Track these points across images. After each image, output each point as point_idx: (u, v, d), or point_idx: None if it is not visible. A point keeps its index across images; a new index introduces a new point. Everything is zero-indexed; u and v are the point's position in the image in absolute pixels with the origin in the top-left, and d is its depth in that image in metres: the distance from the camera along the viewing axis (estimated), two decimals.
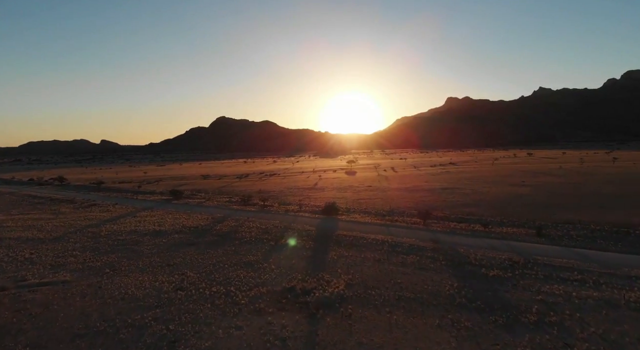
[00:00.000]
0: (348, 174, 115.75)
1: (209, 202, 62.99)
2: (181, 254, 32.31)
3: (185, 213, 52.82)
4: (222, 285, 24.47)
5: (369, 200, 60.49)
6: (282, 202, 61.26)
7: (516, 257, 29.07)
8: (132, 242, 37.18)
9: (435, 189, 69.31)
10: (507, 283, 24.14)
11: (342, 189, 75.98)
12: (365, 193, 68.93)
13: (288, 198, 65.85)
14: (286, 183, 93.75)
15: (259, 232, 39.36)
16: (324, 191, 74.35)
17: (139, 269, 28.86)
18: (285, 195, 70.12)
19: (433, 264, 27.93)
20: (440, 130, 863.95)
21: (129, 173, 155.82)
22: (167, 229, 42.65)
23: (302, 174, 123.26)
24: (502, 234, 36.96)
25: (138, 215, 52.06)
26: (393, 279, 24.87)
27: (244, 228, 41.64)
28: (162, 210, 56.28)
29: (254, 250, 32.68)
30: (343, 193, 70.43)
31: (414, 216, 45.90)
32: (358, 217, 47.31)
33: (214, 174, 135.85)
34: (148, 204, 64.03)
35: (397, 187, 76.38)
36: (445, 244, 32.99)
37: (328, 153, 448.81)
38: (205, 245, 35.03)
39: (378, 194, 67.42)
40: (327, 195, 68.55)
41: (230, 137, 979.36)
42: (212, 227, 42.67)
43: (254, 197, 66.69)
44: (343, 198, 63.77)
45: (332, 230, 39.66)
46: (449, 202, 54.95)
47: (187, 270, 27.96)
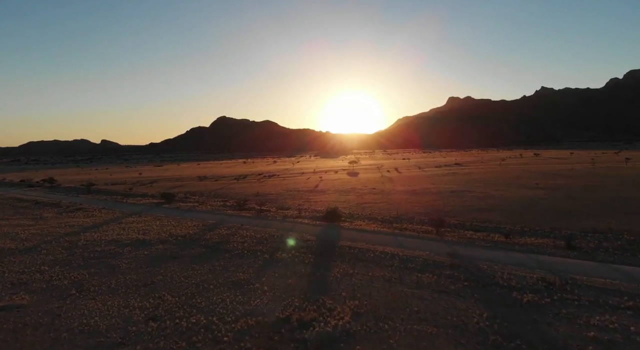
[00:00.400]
0: (350, 175, 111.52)
1: (202, 207, 58.88)
2: (162, 270, 28.21)
3: (175, 219, 48.72)
4: (203, 314, 20.36)
5: (373, 204, 56.33)
6: (280, 206, 57.15)
7: (550, 276, 24.91)
8: (110, 254, 33.09)
9: (443, 192, 65.10)
10: (546, 312, 19.99)
11: (344, 192, 71.83)
12: (369, 196, 64.77)
13: (287, 202, 61.73)
14: (285, 185, 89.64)
15: (253, 243, 35.23)
16: (325, 194, 70.21)
17: (110, 289, 24.77)
18: (284, 198, 65.99)
19: (454, 286, 23.77)
20: (442, 130, 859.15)
21: (124, 174, 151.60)
22: (151, 238, 38.55)
23: (303, 175, 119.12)
24: (527, 245, 32.77)
25: (123, 222, 47.97)
26: (409, 306, 20.72)
27: (237, 237, 37.51)
28: (150, 215, 52.17)
29: (246, 266, 28.54)
30: (345, 196, 66.29)
31: (424, 223, 41.73)
32: (362, 224, 43.16)
33: (211, 174, 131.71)
34: (137, 208, 59.95)
35: (403, 189, 72.18)
36: (465, 259, 28.82)
37: (329, 153, 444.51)
38: (191, 259, 30.91)
39: (383, 197, 63.25)
40: (329, 198, 64.43)
41: (231, 137, 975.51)
42: (202, 236, 38.54)
43: (251, 200, 62.60)
44: (345, 202, 59.65)
45: (334, 241, 35.51)
46: (461, 207, 50.74)
47: (166, 292, 23.86)
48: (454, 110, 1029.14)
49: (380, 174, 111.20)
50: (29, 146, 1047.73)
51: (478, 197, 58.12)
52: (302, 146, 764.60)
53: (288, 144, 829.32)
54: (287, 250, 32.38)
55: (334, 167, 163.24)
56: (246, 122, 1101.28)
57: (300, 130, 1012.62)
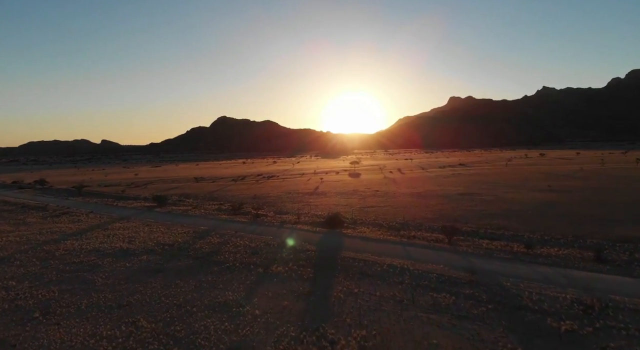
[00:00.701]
0: (352, 177, 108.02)
1: (196, 211, 55.56)
2: (142, 287, 24.93)
3: (165, 224, 45.41)
4: (181, 348, 17.06)
5: (377, 208, 52.96)
6: (278, 210, 53.81)
7: (586, 297, 21.53)
8: (88, 267, 29.81)
9: (451, 195, 61.69)
10: (590, 345, 16.67)
11: (346, 194, 68.47)
12: (372, 199, 61.41)
13: (285, 205, 58.39)
14: (285, 187, 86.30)
15: (246, 253, 31.90)
16: (326, 196, 66.86)
17: (80, 312, 21.49)
18: (283, 201, 62.66)
19: (476, 309, 20.42)
20: (443, 130, 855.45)
21: (120, 175, 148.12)
22: (136, 247, 35.24)
23: (303, 176, 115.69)
24: (551, 257, 29.39)
25: (109, 228, 44.68)
26: (426, 339, 17.39)
27: (229, 247, 34.18)
28: (139, 220, 48.86)
29: (236, 283, 25.23)
30: (347, 199, 62.93)
31: (434, 231, 38.36)
32: (366, 231, 39.81)
33: (208, 176, 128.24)
34: (127, 212, 56.67)
35: (408, 191, 68.79)
36: (485, 275, 25.46)
37: (330, 153, 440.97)
38: (176, 273, 27.60)
39: (387, 200, 59.88)
40: (330, 201, 61.10)
41: (231, 137, 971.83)
42: (191, 245, 35.22)
43: (248, 204, 59.28)
44: (347, 205, 56.30)
45: (336, 251, 32.17)
46: (471, 212, 47.36)
47: (142, 316, 20.57)
48: (455, 110, 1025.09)
49: (383, 175, 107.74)
50: (29, 146, 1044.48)
51: (488, 201, 54.72)
52: (303, 146, 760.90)
53: (289, 144, 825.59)
54: (284, 263, 29.07)
55: (335, 167, 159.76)
56: (247, 122, 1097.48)
57: (301, 130, 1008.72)
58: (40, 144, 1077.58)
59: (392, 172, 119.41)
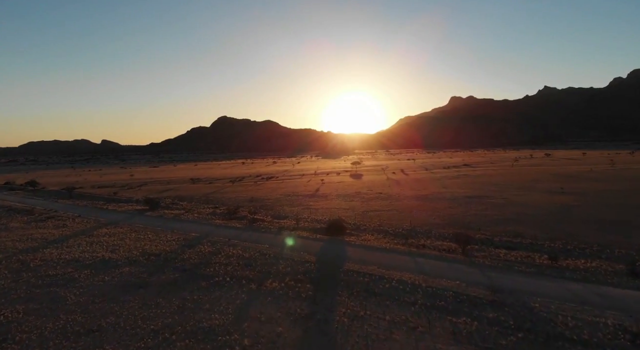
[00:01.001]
0: (353, 178, 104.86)
1: (189, 215, 52.48)
2: (118, 307, 21.88)
3: (154, 230, 42.36)
4: None
5: (381, 212, 49.88)
6: (276, 214, 50.75)
7: (630, 322, 18.49)
8: (63, 281, 26.79)
9: (459, 198, 58.58)
10: None
11: (348, 197, 65.39)
12: (375, 202, 58.32)
13: (284, 209, 55.33)
14: (284, 188, 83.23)
15: (239, 265, 28.83)
16: (326, 199, 63.79)
17: (41, 339, 18.47)
18: (282, 204, 59.59)
19: (504, 339, 17.35)
20: (444, 130, 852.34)
21: (116, 176, 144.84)
22: (119, 257, 32.19)
23: (303, 177, 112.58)
24: (579, 271, 26.31)
25: (94, 234, 41.63)
26: None
27: (221, 257, 31.13)
28: (127, 226, 45.81)
29: (225, 302, 22.17)
30: (349, 202, 59.86)
31: (445, 238, 35.28)
32: (371, 238, 36.73)
33: (206, 177, 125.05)
34: (116, 216, 53.63)
35: (413, 194, 65.68)
36: (508, 293, 22.38)
37: (330, 153, 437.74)
38: (159, 289, 24.56)
39: (392, 203, 56.79)
40: (331, 204, 58.03)
41: (231, 137, 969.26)
42: (179, 255, 32.15)
43: (244, 207, 56.27)
44: (350, 209, 53.26)
45: (338, 263, 29.10)
46: (483, 217, 44.25)
47: (111, 346, 17.51)
48: (456, 109, 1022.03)
49: (386, 176, 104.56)
50: (29, 146, 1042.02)
51: (499, 205, 51.60)
52: (304, 146, 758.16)
53: (289, 144, 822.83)
54: (280, 277, 26.01)
55: (336, 168, 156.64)
56: (247, 122, 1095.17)
57: (301, 130, 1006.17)
58: (40, 144, 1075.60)
59: (395, 173, 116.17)
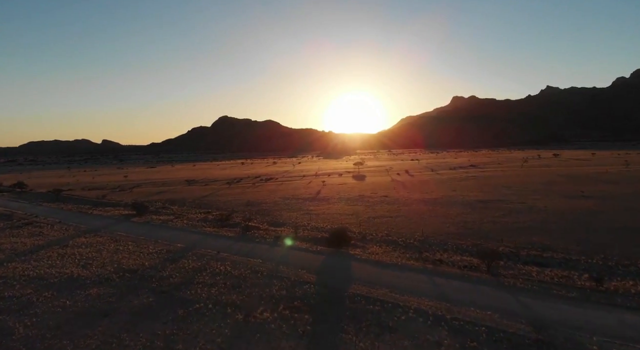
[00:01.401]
0: (356, 179, 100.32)
1: (178, 221, 48.16)
2: (71, 346, 17.55)
3: (136, 240, 38.07)
4: None
5: (388, 218, 45.49)
6: (273, 221, 46.40)
7: None
8: (17, 306, 22.55)
9: (472, 202, 54.12)
10: None
11: (351, 201, 61.00)
12: (381, 207, 53.93)
13: (282, 214, 50.97)
14: (283, 191, 78.86)
15: (225, 287, 24.50)
16: (328, 203, 59.42)
17: None
18: (280, 209, 55.23)
19: None
20: (446, 129, 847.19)
21: (110, 177, 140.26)
22: (90, 274, 27.88)
23: (303, 179, 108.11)
24: (631, 296, 21.89)
25: (70, 244, 37.31)
26: None
27: (205, 275, 26.79)
28: (108, 234, 41.50)
29: (203, 340, 17.82)
30: (353, 206, 55.48)
31: (463, 252, 30.90)
32: (379, 251, 32.35)
33: (202, 178, 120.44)
34: (99, 222, 49.35)
35: (421, 197, 61.25)
36: (555, 329, 17.97)
37: (332, 153, 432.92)
38: (127, 319, 20.24)
39: (399, 208, 52.38)
40: (333, 209, 53.67)
41: (232, 137, 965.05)
42: (158, 272, 27.82)
43: (239, 212, 52.04)
44: (353, 214, 48.91)
45: (342, 284, 24.73)
46: (503, 225, 39.83)
47: None
48: (458, 109, 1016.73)
49: (390, 178, 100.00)
50: (29, 146, 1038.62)
51: (518, 210, 47.14)
52: (305, 146, 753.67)
53: (290, 143, 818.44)
54: (273, 303, 21.67)
55: (337, 169, 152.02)
56: (248, 121, 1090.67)
57: (302, 130, 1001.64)
58: (41, 143, 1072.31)
59: (399, 174, 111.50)
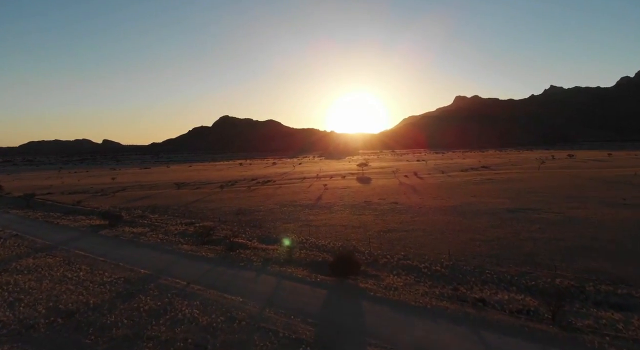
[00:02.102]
0: (361, 182, 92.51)
1: (153, 235, 40.74)
2: None
3: (92, 264, 30.63)
4: None
5: (403, 233, 37.93)
6: (264, 235, 38.95)
7: None
8: None
9: (499, 211, 46.49)
10: None
11: (356, 208, 53.48)
12: (393, 217, 46.38)
13: (276, 226, 43.51)
14: (280, 195, 71.40)
15: (186, 348, 17.01)
16: (330, 211, 51.93)
17: None
18: (274, 219, 47.76)
19: None
20: (450, 129, 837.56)
21: (97, 179, 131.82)
22: (13, 318, 20.61)
23: (304, 182, 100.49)
24: None
25: (11, 268, 29.93)
26: None
27: (162, 325, 19.33)
28: (63, 254, 34.09)
29: None
30: (359, 216, 47.95)
31: (509, 284, 23.31)
32: (398, 283, 24.85)
33: (195, 180, 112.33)
34: (62, 235, 41.99)
35: (437, 205, 53.66)
36: None
37: (333, 154, 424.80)
38: None
39: (414, 218, 44.79)
40: (336, 219, 46.18)
41: (233, 137, 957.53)
42: (102, 317, 20.37)
43: (227, 223, 44.69)
44: (361, 226, 41.44)
45: (353, 346, 17.22)
46: (546, 243, 32.19)
47: None
48: (461, 109, 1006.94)
49: (398, 181, 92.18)
50: (29, 146, 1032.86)
51: (556, 222, 39.51)
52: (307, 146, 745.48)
53: (292, 143, 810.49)
54: None
55: (340, 170, 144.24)
56: (249, 121, 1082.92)
57: (304, 130, 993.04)
58: (41, 143, 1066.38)
59: (407, 176, 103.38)
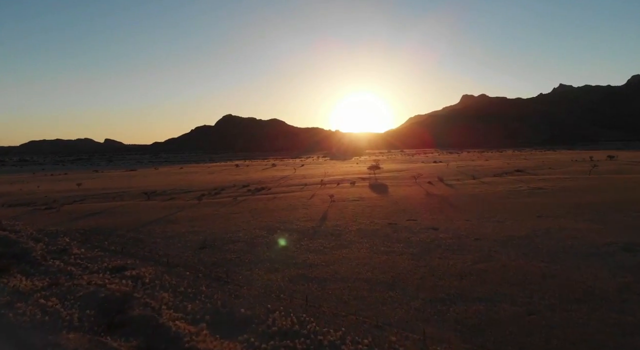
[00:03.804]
0: (375, 191, 73.84)
1: (41, 302, 23.53)
2: None
3: None
4: None
5: (475, 305, 20.61)
6: (223, 308, 21.71)
7: None
8: None
9: (607, 249, 28.94)
10: None
11: (380, 238, 36.13)
12: (441, 259, 29.02)
13: (253, 279, 26.34)
14: (272, 212, 54.14)
15: None
16: (341, 244, 34.64)
17: None
18: (254, 260, 30.57)
19: None
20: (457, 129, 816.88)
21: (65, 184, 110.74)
22: None
23: (305, 189, 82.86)
24: None
25: None
26: None
27: None
28: None
29: None
30: (387, 255, 30.59)
31: None
32: None
33: (174, 187, 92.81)
34: None
35: (498, 233, 36.08)
36: None
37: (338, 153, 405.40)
38: None
39: (477, 264, 27.36)
40: (351, 262, 28.95)
41: (236, 136, 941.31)
42: None
43: (178, 269, 27.64)
44: (394, 283, 24.28)
45: None
46: None
47: None
48: (468, 108, 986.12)
49: (422, 189, 73.95)
50: (30, 145, 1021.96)
51: None
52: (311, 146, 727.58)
53: (296, 143, 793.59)
54: None
55: (348, 173, 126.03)
56: (253, 120, 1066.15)
57: (308, 129, 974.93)
58: (42, 143, 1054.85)
59: (431, 182, 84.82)
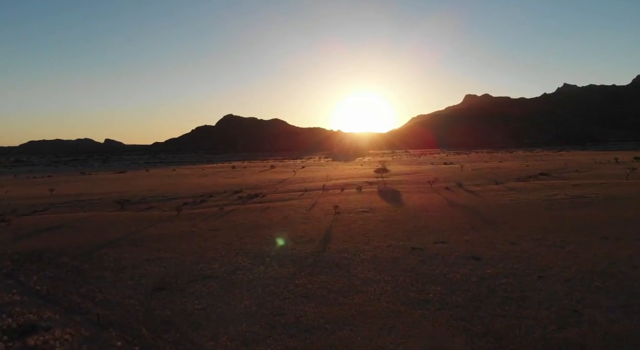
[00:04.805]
0: (387, 200, 63.28)
1: None
2: None
3: None
4: None
5: None
6: None
7: None
8: None
9: None
10: None
11: (403, 274, 26.75)
12: (501, 318, 19.52)
13: None
14: (262, 229, 44.62)
15: None
16: (350, 286, 25.28)
17: None
18: (225, 318, 21.09)
19: None
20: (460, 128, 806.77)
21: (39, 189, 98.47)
22: None
23: (305, 195, 73.31)
24: None
25: None
26: None
27: None
28: None
29: None
30: (420, 309, 21.16)
31: None
32: None
33: (157, 194, 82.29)
34: None
35: (574, 267, 26.60)
36: None
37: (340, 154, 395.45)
38: None
39: (576, 332, 17.80)
40: (369, 321, 19.51)
41: (237, 136, 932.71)
42: None
43: (116, 330, 17.93)
44: None
45: None
46: None
47: None
48: (471, 108, 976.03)
49: (442, 197, 64.18)
50: (30, 145, 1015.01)
51: None
52: (313, 145, 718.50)
53: (298, 143, 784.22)
54: None
55: (352, 176, 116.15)
56: (254, 120, 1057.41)
57: (310, 129, 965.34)
58: (42, 143, 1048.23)
59: (448, 188, 74.69)
